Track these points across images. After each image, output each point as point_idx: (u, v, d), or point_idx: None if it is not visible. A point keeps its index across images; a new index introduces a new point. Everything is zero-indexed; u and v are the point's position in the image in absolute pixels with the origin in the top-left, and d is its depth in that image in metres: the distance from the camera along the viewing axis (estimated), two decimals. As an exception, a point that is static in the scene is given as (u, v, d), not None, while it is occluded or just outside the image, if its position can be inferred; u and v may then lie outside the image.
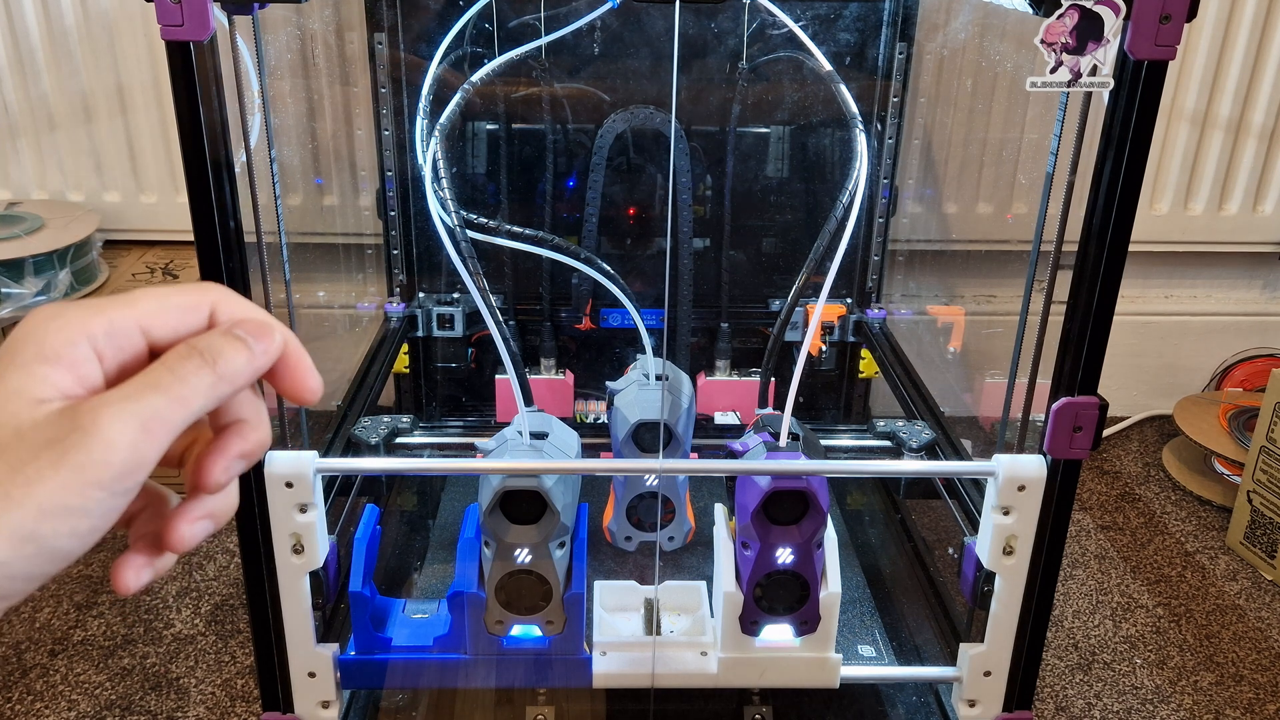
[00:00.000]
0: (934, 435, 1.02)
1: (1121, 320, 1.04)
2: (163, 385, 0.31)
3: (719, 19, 1.17)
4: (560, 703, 0.88)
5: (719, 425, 1.20)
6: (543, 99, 1.19)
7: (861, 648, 0.95)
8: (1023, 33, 0.71)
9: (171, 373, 0.31)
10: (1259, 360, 1.55)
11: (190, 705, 1.01)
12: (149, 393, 0.31)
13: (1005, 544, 0.77)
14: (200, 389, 0.32)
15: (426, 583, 1.03)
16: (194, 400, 0.31)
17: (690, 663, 0.81)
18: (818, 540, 0.76)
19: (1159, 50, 0.64)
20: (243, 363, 0.33)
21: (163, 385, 0.31)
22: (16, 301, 1.22)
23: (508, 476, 0.74)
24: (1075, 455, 0.74)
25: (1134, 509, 1.38)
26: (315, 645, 0.79)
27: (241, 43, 0.70)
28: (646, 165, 1.23)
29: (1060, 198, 0.73)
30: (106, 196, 1.41)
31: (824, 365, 1.35)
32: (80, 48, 1.33)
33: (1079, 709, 1.04)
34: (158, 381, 0.31)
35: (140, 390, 0.31)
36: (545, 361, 1.24)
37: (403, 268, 1.29)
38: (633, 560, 1.04)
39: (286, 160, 1.31)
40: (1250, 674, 1.09)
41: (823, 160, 1.27)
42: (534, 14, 1.10)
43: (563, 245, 1.02)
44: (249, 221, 0.71)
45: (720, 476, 0.87)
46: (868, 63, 1.23)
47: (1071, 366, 0.73)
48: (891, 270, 1.34)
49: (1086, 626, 1.16)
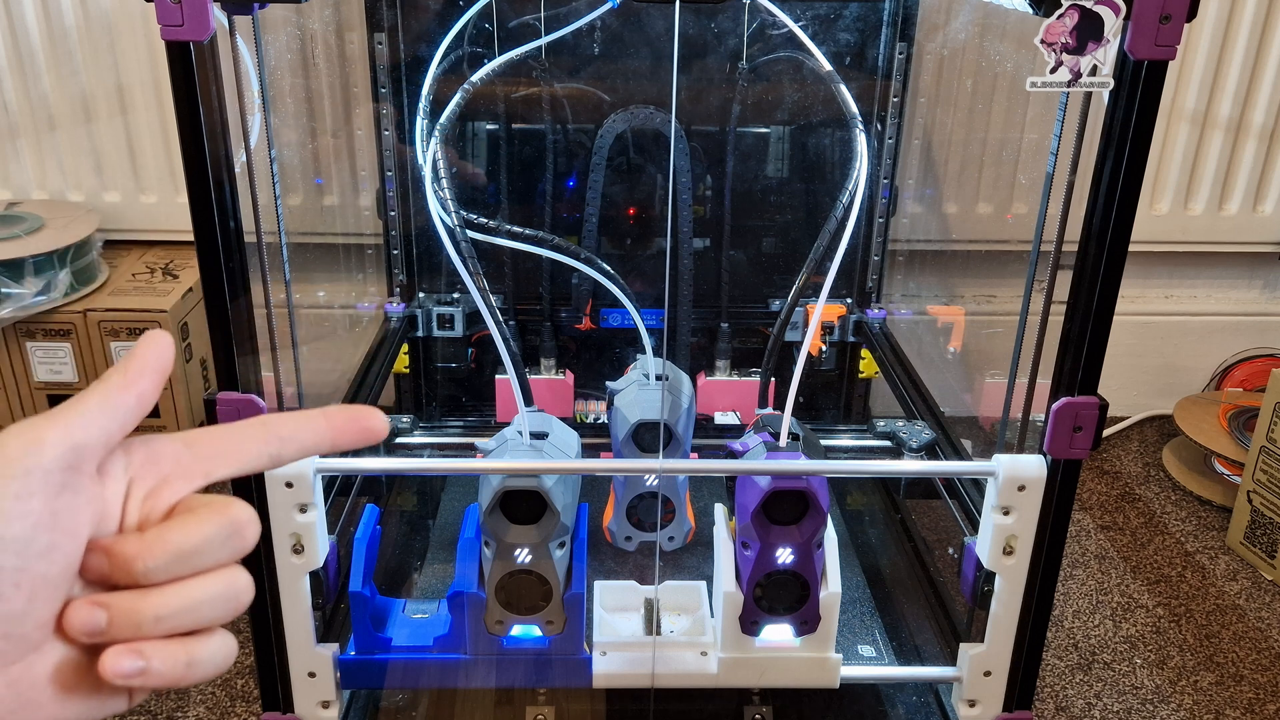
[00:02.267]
0: (934, 435, 1.02)
1: (1121, 320, 1.04)
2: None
3: (719, 19, 1.17)
4: (560, 703, 0.88)
5: (719, 425, 1.20)
6: (543, 99, 1.19)
7: (861, 648, 0.95)
8: (1023, 33, 0.71)
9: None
10: (1259, 360, 1.55)
11: (190, 705, 1.01)
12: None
13: (1005, 544, 0.77)
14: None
15: (426, 583, 1.03)
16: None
17: (690, 663, 0.81)
18: (818, 540, 0.76)
19: (1159, 50, 0.64)
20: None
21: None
22: (16, 301, 1.22)
23: (508, 476, 0.74)
24: (1075, 455, 0.74)
25: (1134, 509, 1.38)
26: (315, 645, 0.79)
27: (241, 43, 0.70)
28: (646, 165, 1.23)
29: (1060, 198, 0.73)
30: (106, 196, 1.41)
31: (824, 365, 1.35)
32: (80, 48, 1.33)
33: (1079, 709, 1.04)
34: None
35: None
36: (545, 361, 1.24)
37: (403, 268, 1.29)
38: (633, 560, 1.04)
39: (286, 160, 1.31)
40: (1250, 674, 1.09)
41: (823, 160, 1.27)
42: (534, 14, 1.10)
43: (563, 245, 1.02)
44: (249, 221, 0.71)
45: (720, 476, 0.87)
46: (868, 63, 1.23)
47: (1071, 366, 0.73)
48: (891, 270, 1.34)
49: (1086, 626, 1.16)
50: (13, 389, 1.30)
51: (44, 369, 1.28)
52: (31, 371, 1.28)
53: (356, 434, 0.36)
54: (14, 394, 1.30)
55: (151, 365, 0.33)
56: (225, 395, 0.72)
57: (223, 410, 0.72)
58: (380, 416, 0.36)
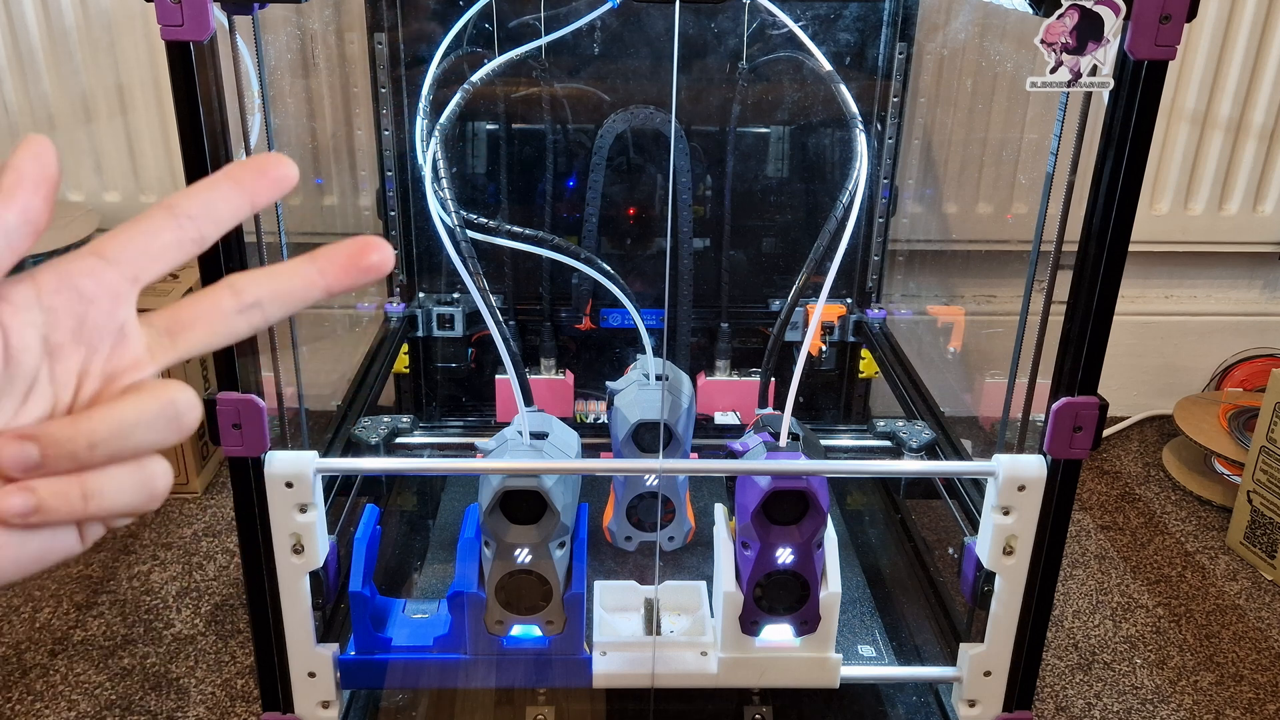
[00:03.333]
0: (934, 435, 1.02)
1: (1121, 320, 1.04)
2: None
3: (719, 19, 1.17)
4: (560, 703, 0.88)
5: (719, 425, 1.20)
6: (543, 99, 1.19)
7: (861, 648, 0.95)
8: (1023, 33, 0.71)
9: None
10: (1259, 360, 1.55)
11: (190, 705, 1.01)
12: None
13: (1005, 544, 0.77)
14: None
15: (426, 583, 1.03)
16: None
17: (690, 663, 0.81)
18: (818, 540, 0.76)
19: (1159, 50, 0.64)
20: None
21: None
22: (16, 301, 1.22)
23: (508, 476, 0.74)
24: (1075, 455, 0.74)
25: (1134, 509, 1.38)
26: (315, 645, 0.79)
27: (241, 43, 0.70)
28: (646, 165, 1.23)
29: (1060, 198, 0.73)
30: (106, 196, 1.41)
31: (824, 365, 1.35)
32: (80, 48, 1.33)
33: (1079, 709, 1.04)
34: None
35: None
36: (545, 361, 1.24)
37: (403, 268, 1.29)
38: (633, 560, 1.04)
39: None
40: (1250, 674, 1.09)
41: (823, 160, 1.27)
42: (534, 14, 1.10)
43: (563, 245, 1.02)
44: (249, 221, 0.71)
45: (720, 476, 0.87)
46: (868, 63, 1.23)
47: (1071, 366, 0.73)
48: (891, 270, 1.34)
49: (1086, 626, 1.16)
50: (13, 389, 1.29)
51: (44, 369, 1.28)
52: (31, 371, 1.28)
53: (269, 186, 0.32)
54: (14, 394, 1.30)
55: (30, 171, 0.29)
56: (225, 395, 0.72)
57: (223, 410, 0.72)
58: (287, 162, 0.32)
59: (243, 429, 0.72)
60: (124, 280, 0.30)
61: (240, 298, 0.31)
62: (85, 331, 0.30)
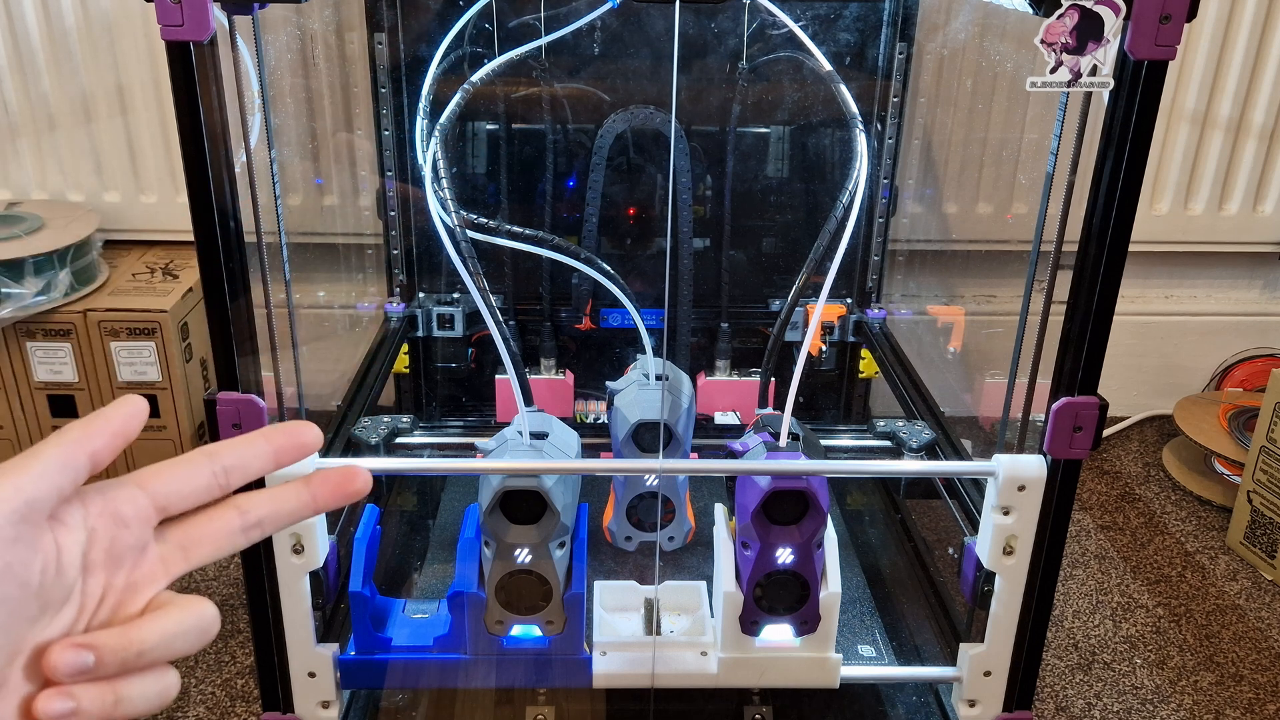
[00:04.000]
0: (934, 435, 1.02)
1: (1121, 320, 1.04)
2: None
3: (719, 19, 1.17)
4: (560, 703, 0.88)
5: (719, 425, 1.20)
6: (543, 99, 1.19)
7: (861, 648, 0.95)
8: (1023, 33, 0.71)
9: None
10: (1259, 360, 1.55)
11: (190, 705, 1.01)
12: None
13: (1005, 544, 0.77)
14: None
15: (426, 583, 1.03)
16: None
17: (690, 663, 0.81)
18: (818, 540, 0.76)
19: (1159, 50, 0.64)
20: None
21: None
22: (16, 301, 1.22)
23: (508, 476, 0.74)
24: (1075, 455, 0.74)
25: (1134, 509, 1.38)
26: (315, 645, 0.79)
27: (241, 43, 0.70)
28: (646, 165, 1.23)
29: (1060, 198, 0.73)
30: (106, 196, 1.41)
31: (824, 365, 1.35)
32: (80, 48, 1.33)
33: (1079, 709, 1.04)
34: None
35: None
36: (545, 361, 1.24)
37: (403, 268, 1.29)
38: (633, 560, 1.04)
39: (286, 160, 1.31)
40: (1250, 674, 1.09)
41: (823, 160, 1.27)
42: (534, 14, 1.10)
43: (563, 245, 1.02)
44: (249, 221, 0.71)
45: (720, 476, 0.87)
46: (868, 63, 1.23)
47: (1071, 366, 0.73)
48: (891, 270, 1.34)
49: (1086, 626, 1.16)
50: (13, 389, 1.30)
51: (44, 369, 1.28)
52: (31, 372, 1.28)
53: (294, 450, 0.37)
54: (14, 394, 1.30)
55: (115, 428, 0.34)
56: (225, 395, 0.72)
57: (223, 410, 0.72)
58: (312, 430, 0.38)
59: (243, 429, 0.72)
60: (154, 509, 0.34)
61: (245, 517, 0.36)
62: (115, 550, 0.34)
